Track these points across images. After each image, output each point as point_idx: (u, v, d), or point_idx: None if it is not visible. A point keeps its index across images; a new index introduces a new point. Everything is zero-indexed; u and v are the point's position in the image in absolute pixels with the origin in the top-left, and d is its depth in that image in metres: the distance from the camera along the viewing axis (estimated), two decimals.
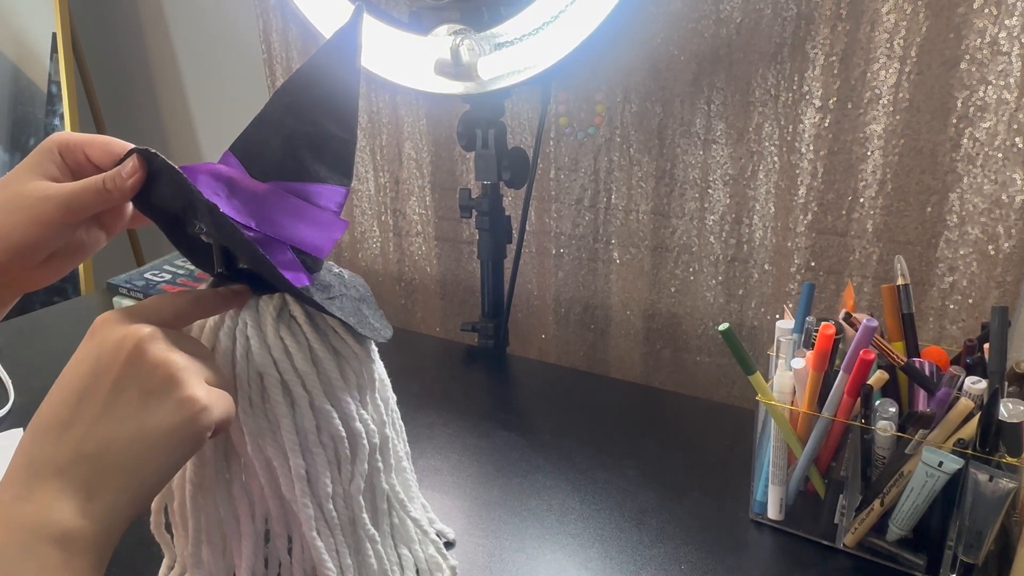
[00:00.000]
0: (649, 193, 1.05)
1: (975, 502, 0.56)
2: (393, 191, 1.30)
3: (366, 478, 0.55)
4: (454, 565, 0.63)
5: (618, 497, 0.73)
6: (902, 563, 0.62)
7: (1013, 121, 0.79)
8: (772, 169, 0.96)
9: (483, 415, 0.89)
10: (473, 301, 1.28)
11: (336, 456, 0.53)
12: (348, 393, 0.53)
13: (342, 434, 0.52)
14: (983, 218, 0.83)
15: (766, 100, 0.94)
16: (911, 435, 0.59)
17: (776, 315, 0.98)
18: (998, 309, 0.59)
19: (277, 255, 0.50)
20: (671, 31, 0.97)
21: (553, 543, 0.67)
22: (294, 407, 0.51)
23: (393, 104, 1.24)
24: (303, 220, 0.51)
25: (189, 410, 0.41)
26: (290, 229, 0.51)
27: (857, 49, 0.86)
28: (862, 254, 0.91)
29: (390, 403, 0.60)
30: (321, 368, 0.51)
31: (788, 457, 0.66)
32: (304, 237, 0.51)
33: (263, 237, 0.50)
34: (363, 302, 0.56)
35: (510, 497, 0.73)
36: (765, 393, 0.66)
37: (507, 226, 1.04)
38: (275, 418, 0.50)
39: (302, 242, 0.51)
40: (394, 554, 0.60)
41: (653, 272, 1.08)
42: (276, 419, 0.50)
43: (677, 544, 0.66)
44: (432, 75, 0.93)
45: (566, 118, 1.07)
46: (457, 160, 1.22)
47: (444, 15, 0.91)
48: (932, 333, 0.89)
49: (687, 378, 1.10)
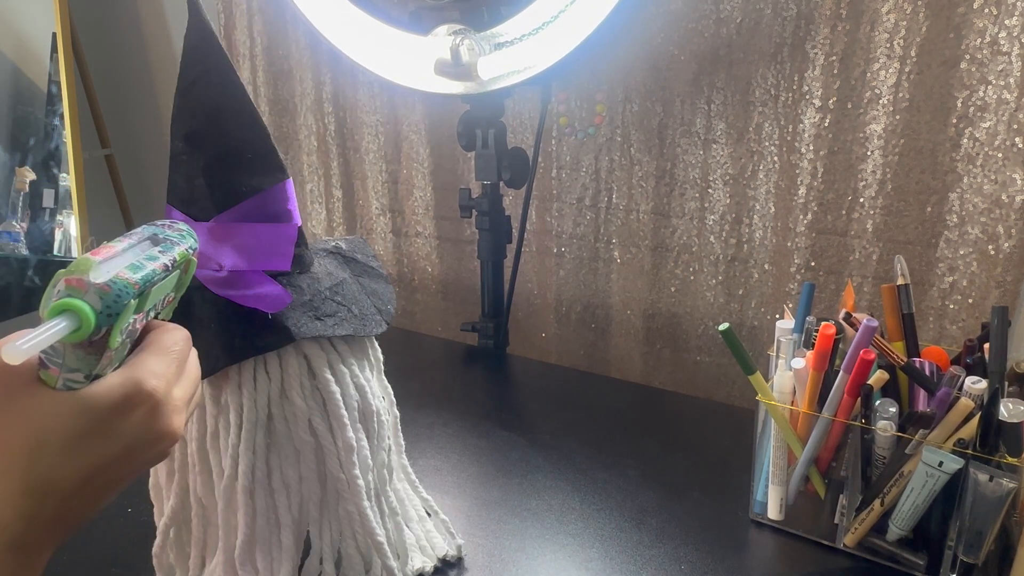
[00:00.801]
0: (649, 193, 1.05)
1: (975, 502, 0.56)
2: (393, 191, 1.30)
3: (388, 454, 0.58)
4: (460, 544, 0.64)
5: (618, 497, 0.73)
6: (902, 563, 0.62)
7: (1013, 121, 0.79)
8: (772, 169, 0.96)
9: (483, 415, 0.89)
10: (473, 301, 1.27)
11: (368, 432, 0.55)
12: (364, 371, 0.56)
13: (373, 408, 0.54)
14: (983, 218, 0.83)
15: (766, 100, 0.94)
16: (911, 435, 0.59)
17: (776, 315, 0.98)
18: (998, 309, 0.59)
19: (254, 288, 0.50)
20: (671, 31, 0.97)
21: (553, 543, 0.67)
22: (340, 383, 0.53)
23: (393, 104, 1.24)
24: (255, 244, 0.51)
25: (167, 452, 0.40)
26: (249, 257, 0.51)
27: (857, 49, 0.86)
28: (862, 254, 0.91)
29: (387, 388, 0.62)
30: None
31: (788, 457, 0.66)
32: (262, 260, 0.51)
33: (233, 275, 0.50)
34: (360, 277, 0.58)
35: (510, 497, 0.73)
36: (765, 393, 0.66)
37: (507, 226, 1.04)
38: (327, 394, 0.53)
39: (264, 265, 0.51)
40: (406, 528, 0.62)
41: (653, 272, 1.08)
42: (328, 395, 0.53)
43: (677, 544, 0.66)
44: (432, 75, 0.93)
45: (566, 118, 1.07)
46: (457, 160, 1.22)
47: (444, 15, 0.91)
48: (932, 333, 0.89)
49: (687, 378, 1.10)
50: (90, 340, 0.33)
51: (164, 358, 0.39)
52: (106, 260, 0.35)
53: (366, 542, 0.56)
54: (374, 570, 0.57)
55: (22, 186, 1.65)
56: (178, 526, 0.57)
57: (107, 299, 0.33)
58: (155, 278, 0.36)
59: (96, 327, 0.33)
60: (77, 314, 0.32)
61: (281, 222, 0.52)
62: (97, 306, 0.33)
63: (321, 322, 0.52)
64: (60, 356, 0.34)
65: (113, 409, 0.36)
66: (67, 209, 1.63)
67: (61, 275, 0.33)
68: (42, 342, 0.31)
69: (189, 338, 0.42)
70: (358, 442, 0.54)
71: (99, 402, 0.36)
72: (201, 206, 0.50)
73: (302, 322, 0.51)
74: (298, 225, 0.53)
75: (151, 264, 0.37)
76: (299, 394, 0.52)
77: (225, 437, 0.52)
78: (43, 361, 0.35)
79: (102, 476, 0.37)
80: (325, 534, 0.55)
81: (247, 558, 0.54)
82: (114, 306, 0.33)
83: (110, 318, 0.33)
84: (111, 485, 0.38)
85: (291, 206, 0.52)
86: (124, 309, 0.34)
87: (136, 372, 0.37)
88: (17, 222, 1.65)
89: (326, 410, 0.53)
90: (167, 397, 0.38)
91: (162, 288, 0.38)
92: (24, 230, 1.65)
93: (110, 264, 0.35)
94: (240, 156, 0.50)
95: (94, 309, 0.33)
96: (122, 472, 0.38)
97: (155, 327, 0.40)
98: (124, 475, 0.38)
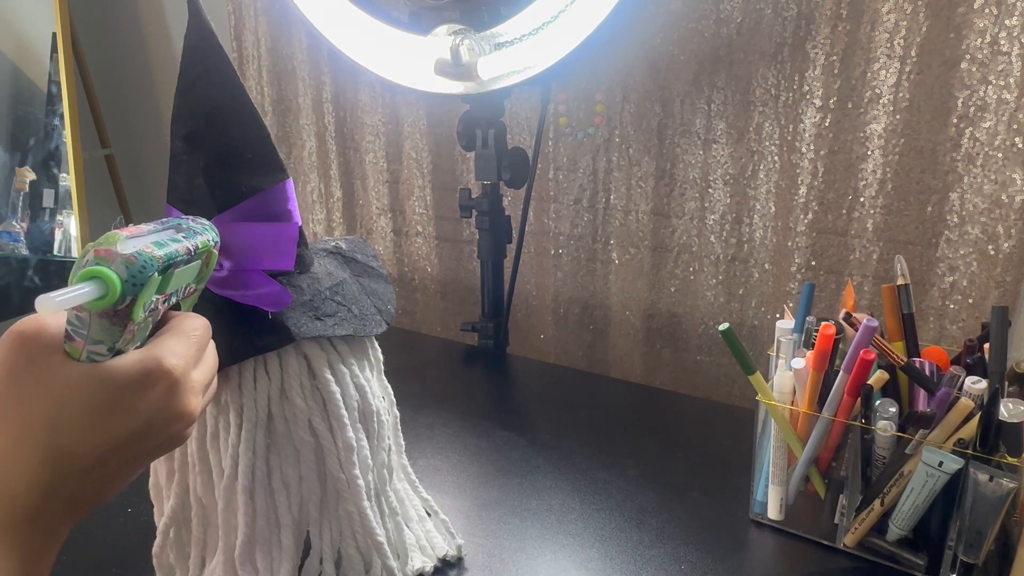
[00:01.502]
0: (649, 193, 1.05)
1: (975, 502, 0.56)
2: (393, 191, 1.30)
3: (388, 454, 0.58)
4: (460, 544, 0.64)
5: (618, 497, 0.73)
6: (902, 563, 0.62)
7: (1013, 121, 0.79)
8: (772, 169, 0.96)
9: (483, 415, 0.89)
10: (473, 301, 1.27)
11: (368, 432, 0.55)
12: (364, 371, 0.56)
13: (373, 408, 0.54)
14: (983, 218, 0.83)
15: (766, 100, 0.94)
16: (911, 435, 0.59)
17: (776, 315, 0.98)
18: (998, 309, 0.59)
19: (254, 287, 0.50)
20: (671, 31, 0.97)
21: (553, 543, 0.67)
22: (340, 383, 0.53)
23: (393, 104, 1.24)
24: (256, 244, 0.51)
25: (184, 435, 0.41)
26: (249, 257, 0.51)
27: (857, 49, 0.86)
28: (862, 254, 0.91)
29: (387, 388, 0.62)
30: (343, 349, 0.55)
31: (788, 457, 0.66)
32: (264, 260, 0.51)
33: (233, 275, 0.50)
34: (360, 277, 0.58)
35: (510, 497, 0.73)
36: (765, 393, 0.66)
37: (507, 226, 1.04)
38: (327, 394, 0.53)
39: (266, 264, 0.51)
40: (406, 528, 0.62)
41: (653, 272, 1.08)
42: (328, 395, 0.53)
43: (677, 544, 0.66)
44: (432, 75, 0.93)
45: (566, 118, 1.07)
46: (457, 160, 1.22)
47: (444, 15, 0.91)
48: (932, 333, 0.89)
49: (687, 378, 1.10)
50: (115, 309, 0.35)
51: (184, 339, 0.40)
52: (133, 237, 0.37)
53: (366, 542, 0.56)
54: (374, 570, 0.57)
55: (22, 186, 1.64)
56: (178, 526, 0.57)
57: (132, 269, 0.35)
58: (178, 258, 0.38)
59: (121, 295, 0.34)
60: (104, 281, 0.34)
61: (281, 222, 0.52)
62: (123, 275, 0.34)
63: (321, 322, 0.52)
64: (85, 327, 0.35)
65: (133, 384, 0.37)
66: (67, 209, 1.62)
67: (91, 246, 0.35)
68: (73, 299, 0.33)
69: (209, 326, 0.42)
70: (358, 442, 0.54)
71: (119, 376, 0.37)
72: (201, 206, 0.50)
73: (302, 322, 0.51)
74: (298, 225, 0.53)
75: (175, 245, 0.38)
76: (299, 394, 0.52)
77: (225, 437, 0.52)
78: (69, 333, 0.36)
79: (120, 453, 0.37)
80: (325, 534, 0.55)
81: (247, 558, 0.54)
82: (139, 276, 0.35)
83: (135, 287, 0.35)
84: (129, 463, 0.39)
85: (291, 206, 0.52)
86: (148, 281, 0.35)
87: (157, 350, 0.38)
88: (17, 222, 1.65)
89: (326, 410, 0.53)
90: (185, 377, 0.39)
91: (184, 274, 0.40)
92: (24, 230, 1.65)
93: (137, 241, 0.36)
94: (240, 156, 0.50)
95: (120, 277, 0.34)
96: (140, 450, 0.38)
97: (179, 315, 0.42)
98: (141, 454, 0.39)
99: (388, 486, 0.58)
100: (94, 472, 0.37)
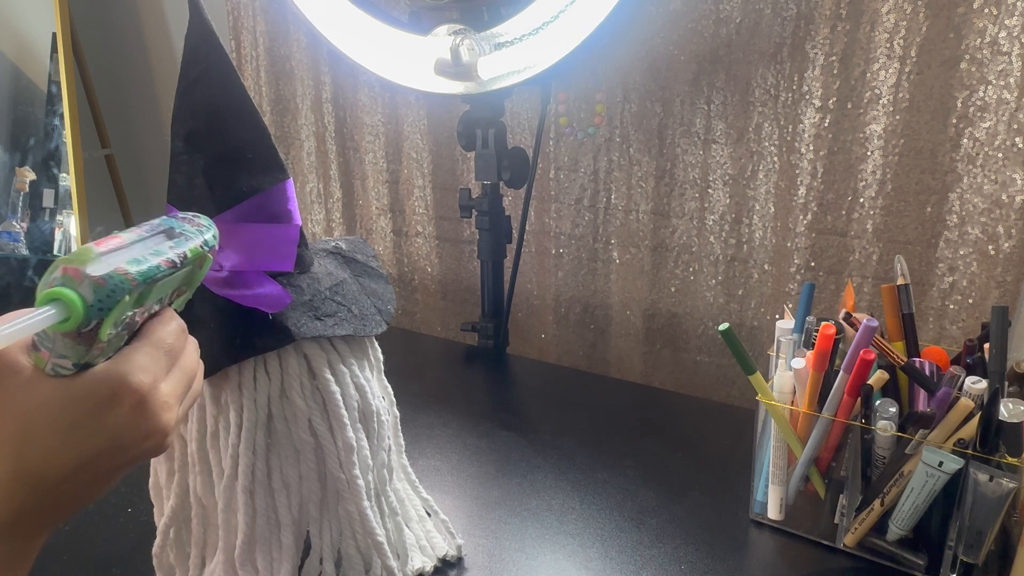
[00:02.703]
0: (649, 193, 1.05)
1: (975, 502, 0.56)
2: (393, 191, 1.30)
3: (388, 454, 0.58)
4: (460, 544, 0.64)
5: (618, 497, 0.73)
6: (902, 563, 0.62)
7: (1013, 121, 0.79)
8: (772, 169, 0.96)
9: (483, 415, 0.89)
10: (473, 301, 1.27)
11: (368, 432, 0.55)
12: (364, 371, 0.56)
13: (373, 408, 0.54)
14: (983, 218, 0.83)
15: (766, 100, 0.94)
16: (911, 435, 0.59)
17: (776, 315, 0.98)
18: (998, 309, 0.59)
19: (254, 288, 0.50)
20: (671, 31, 0.97)
21: (553, 543, 0.67)
22: (340, 383, 0.53)
23: (393, 104, 1.24)
24: (256, 244, 0.51)
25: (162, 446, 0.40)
26: (250, 257, 0.51)
27: (857, 49, 0.86)
28: (862, 254, 0.91)
29: (387, 388, 0.62)
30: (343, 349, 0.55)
31: (788, 457, 0.66)
32: (264, 260, 0.51)
33: (233, 275, 0.50)
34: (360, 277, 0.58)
35: (510, 497, 0.73)
36: (765, 393, 0.66)
37: (507, 226, 1.04)
38: (328, 394, 0.53)
39: (266, 265, 0.51)
40: (406, 528, 0.62)
41: (653, 272, 1.08)
42: (328, 395, 0.53)
43: (677, 544, 0.66)
44: (432, 75, 0.93)
45: (566, 118, 1.07)
46: (457, 160, 1.22)
47: (444, 15, 0.91)
48: (932, 333, 0.89)
49: (687, 378, 1.10)
50: (79, 331, 0.33)
51: (153, 352, 0.38)
52: (109, 252, 0.34)
53: (366, 542, 0.56)
54: (374, 570, 0.57)
55: (22, 186, 1.64)
56: (178, 526, 0.57)
57: (100, 292, 0.33)
58: (158, 275, 0.36)
59: (85, 319, 0.33)
60: (67, 304, 0.32)
61: (281, 222, 0.52)
62: (89, 299, 0.32)
63: (321, 322, 0.52)
64: (51, 341, 0.34)
65: (99, 403, 0.36)
66: (67, 209, 1.62)
67: (60, 262, 0.33)
68: (24, 329, 0.31)
69: (184, 330, 0.41)
70: (358, 442, 0.54)
71: (83, 395, 0.36)
72: (201, 206, 0.50)
73: (302, 322, 0.51)
74: (299, 225, 0.53)
75: (156, 259, 0.36)
76: (299, 394, 0.52)
77: (225, 437, 0.52)
78: (35, 343, 0.35)
79: (90, 468, 0.37)
80: (325, 534, 0.55)
81: (247, 558, 0.54)
82: (107, 301, 0.33)
83: (101, 312, 0.33)
84: (101, 477, 0.38)
85: (291, 206, 0.52)
86: (116, 304, 0.33)
87: (122, 367, 0.37)
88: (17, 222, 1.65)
89: (326, 410, 0.53)
90: (153, 393, 0.37)
91: (169, 284, 0.38)
92: (24, 230, 1.65)
93: (112, 256, 0.34)
94: (240, 156, 0.50)
95: (85, 302, 0.32)
96: (112, 465, 0.38)
97: (154, 318, 0.40)
98: (114, 468, 0.38)
99: (388, 486, 0.58)
100: (64, 485, 0.36)
